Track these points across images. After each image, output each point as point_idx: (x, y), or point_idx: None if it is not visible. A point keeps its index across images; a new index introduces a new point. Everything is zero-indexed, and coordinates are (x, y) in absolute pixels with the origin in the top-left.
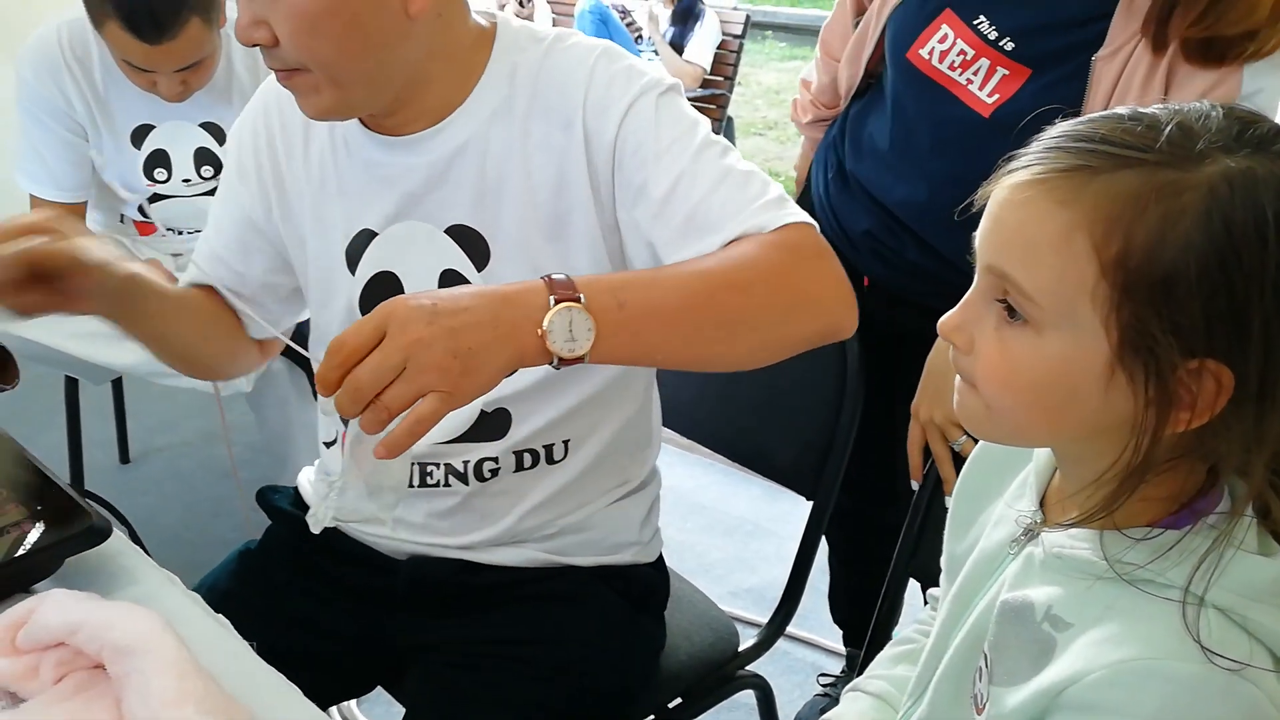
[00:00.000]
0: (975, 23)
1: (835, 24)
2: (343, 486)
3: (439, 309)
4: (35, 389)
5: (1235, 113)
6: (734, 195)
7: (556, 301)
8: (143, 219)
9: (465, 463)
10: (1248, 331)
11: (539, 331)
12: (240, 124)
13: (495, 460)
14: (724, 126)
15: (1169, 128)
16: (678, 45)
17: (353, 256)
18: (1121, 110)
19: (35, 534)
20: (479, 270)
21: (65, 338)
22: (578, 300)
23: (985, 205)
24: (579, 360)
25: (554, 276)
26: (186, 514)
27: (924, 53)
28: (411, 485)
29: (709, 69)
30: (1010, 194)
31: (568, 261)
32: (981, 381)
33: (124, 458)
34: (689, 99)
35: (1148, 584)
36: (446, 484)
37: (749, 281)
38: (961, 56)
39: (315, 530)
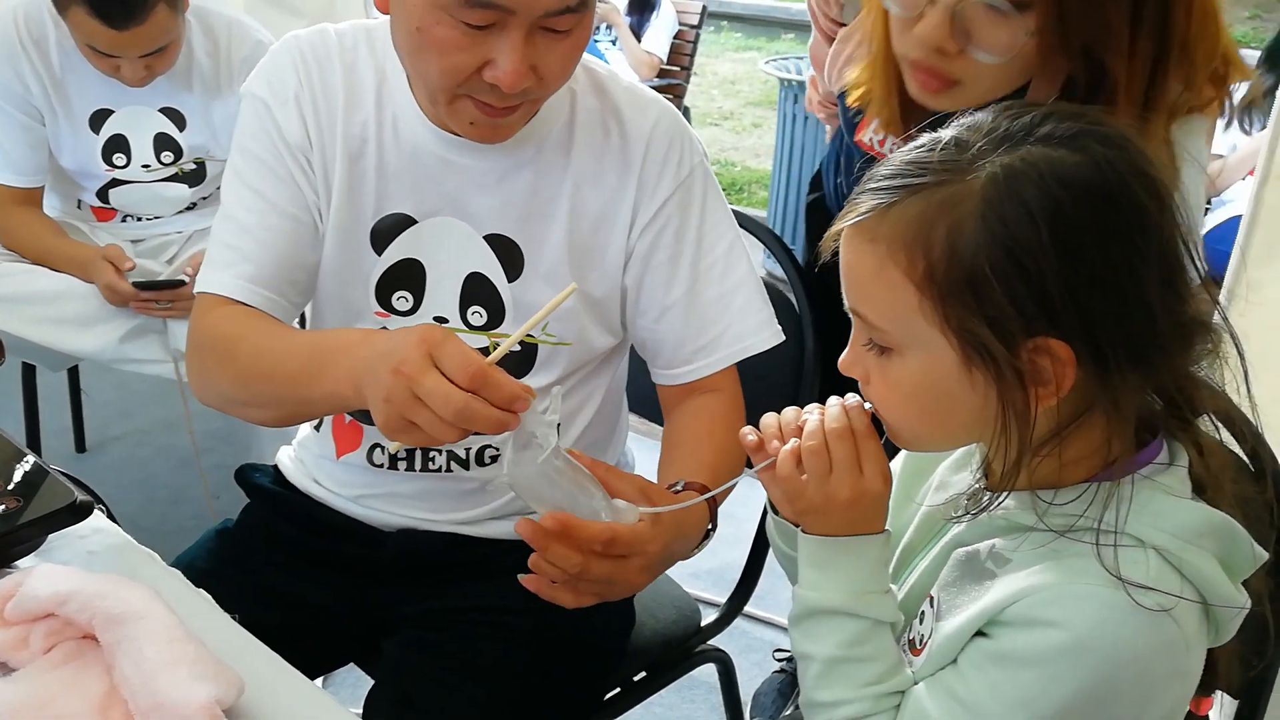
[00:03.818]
0: None
1: (817, 44)
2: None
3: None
4: None
5: (1005, 109)
6: (737, 308)
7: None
8: (101, 204)
9: (468, 450)
10: (1053, 304)
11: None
12: (279, 117)
13: (496, 448)
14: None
15: (945, 145)
16: (634, 34)
17: (380, 237)
18: (921, 139)
19: (18, 510)
20: (510, 281)
21: (24, 323)
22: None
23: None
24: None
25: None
26: (146, 502)
27: (865, 139)
28: (412, 469)
29: (665, 59)
30: (843, 241)
31: (589, 286)
32: (878, 406)
33: (80, 446)
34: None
35: (1085, 532)
36: (449, 469)
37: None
38: (895, 144)
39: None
